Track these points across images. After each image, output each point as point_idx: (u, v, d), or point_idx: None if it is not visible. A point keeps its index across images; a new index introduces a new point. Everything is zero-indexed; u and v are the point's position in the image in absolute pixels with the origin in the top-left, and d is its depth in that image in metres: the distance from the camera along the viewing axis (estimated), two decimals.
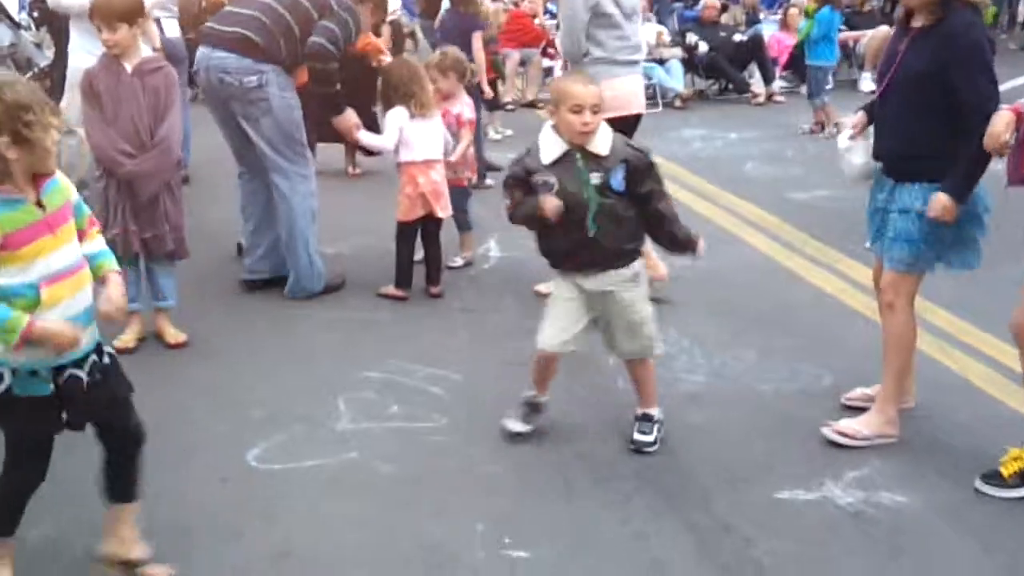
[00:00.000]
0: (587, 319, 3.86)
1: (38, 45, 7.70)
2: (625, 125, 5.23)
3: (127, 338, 4.81)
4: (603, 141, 3.70)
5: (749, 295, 5.63)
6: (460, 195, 5.91)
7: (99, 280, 2.91)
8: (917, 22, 3.73)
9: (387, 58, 6.34)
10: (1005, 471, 3.57)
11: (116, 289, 2.93)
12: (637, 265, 3.85)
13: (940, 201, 3.62)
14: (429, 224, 5.55)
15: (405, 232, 5.56)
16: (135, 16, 4.58)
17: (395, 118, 5.44)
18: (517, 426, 3.95)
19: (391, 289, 5.55)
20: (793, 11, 12.42)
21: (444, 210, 5.54)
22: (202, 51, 5.15)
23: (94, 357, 2.87)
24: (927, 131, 3.70)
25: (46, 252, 2.70)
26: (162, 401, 4.30)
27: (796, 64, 11.79)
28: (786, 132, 10.41)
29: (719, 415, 4.21)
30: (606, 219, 3.69)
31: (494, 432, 4.00)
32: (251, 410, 4.22)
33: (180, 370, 4.66)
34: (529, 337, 4.00)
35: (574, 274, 3.82)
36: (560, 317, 3.85)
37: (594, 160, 3.67)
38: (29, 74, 6.44)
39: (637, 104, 5.43)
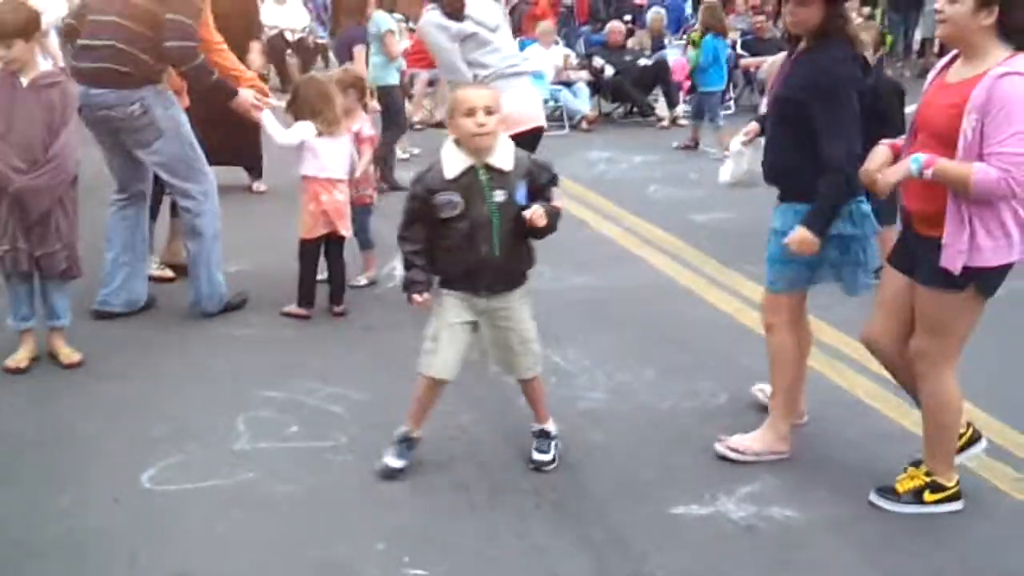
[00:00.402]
0: (469, 340, 3.85)
1: None
2: (524, 142, 5.33)
3: (20, 357, 4.71)
4: (505, 155, 3.68)
5: (649, 314, 5.73)
6: (362, 213, 5.92)
7: None
8: (802, 44, 3.87)
9: (272, 102, 5.91)
10: (900, 487, 3.70)
11: None
12: (528, 283, 3.89)
13: (799, 234, 3.71)
14: (332, 242, 5.55)
15: (307, 250, 5.54)
16: (31, 31, 4.51)
17: (303, 127, 5.43)
18: (395, 462, 3.84)
19: (294, 308, 5.53)
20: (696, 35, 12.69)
21: (347, 229, 5.55)
22: (79, 89, 4.94)
23: None
24: (792, 153, 3.83)
25: None
26: (55, 421, 4.25)
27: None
28: (689, 156, 10.62)
29: (617, 432, 4.27)
30: (509, 238, 3.69)
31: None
32: (147, 430, 4.16)
33: (74, 390, 4.56)
34: None
35: (469, 294, 3.77)
36: (454, 342, 3.78)
37: (498, 176, 3.65)
38: None
39: (534, 117, 5.49)
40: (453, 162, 3.66)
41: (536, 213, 3.63)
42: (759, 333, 5.13)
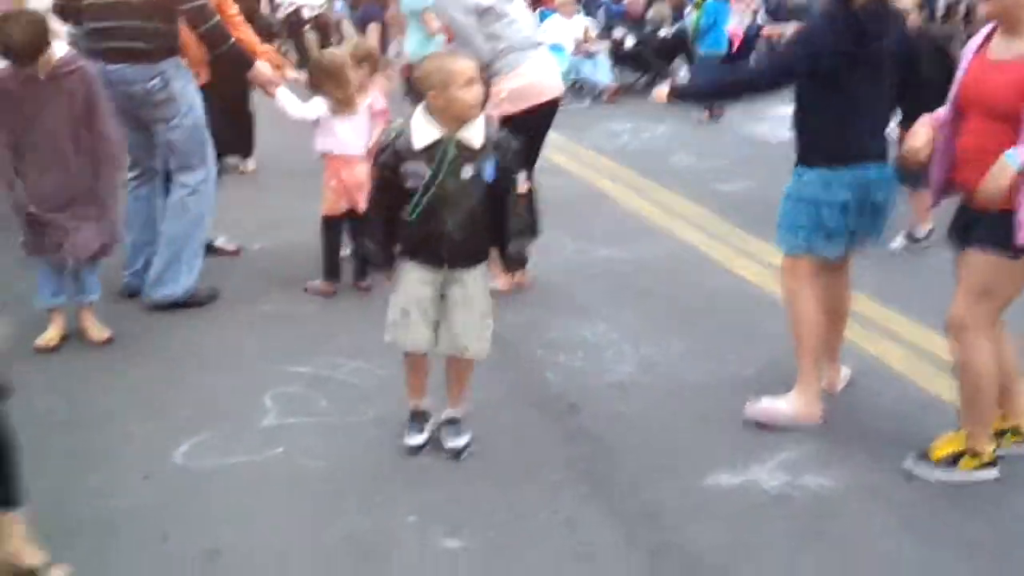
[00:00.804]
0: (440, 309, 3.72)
1: None
2: (542, 114, 5.30)
3: (50, 336, 4.73)
4: (477, 131, 3.54)
5: (676, 286, 5.71)
6: None
7: None
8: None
9: (291, 73, 6.00)
10: (936, 454, 3.68)
11: None
12: (486, 261, 3.77)
13: (659, 89, 4.17)
14: (354, 218, 5.54)
15: (330, 226, 5.55)
16: (43, 47, 4.40)
17: (318, 102, 5.41)
18: (415, 439, 3.85)
19: (319, 284, 5.53)
20: None
21: None
22: (98, 67, 4.88)
23: None
24: (809, 114, 3.90)
25: None
26: (85, 400, 4.27)
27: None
28: (712, 125, 10.55)
29: (647, 404, 4.26)
30: (472, 215, 3.59)
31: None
32: (177, 408, 4.18)
33: (103, 369, 4.58)
34: None
35: (431, 265, 3.66)
36: (426, 314, 3.67)
37: (467, 151, 3.52)
38: None
39: (553, 88, 5.44)
40: (423, 132, 3.52)
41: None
42: None
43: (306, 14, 13.88)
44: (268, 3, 13.59)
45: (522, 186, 3.73)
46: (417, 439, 3.86)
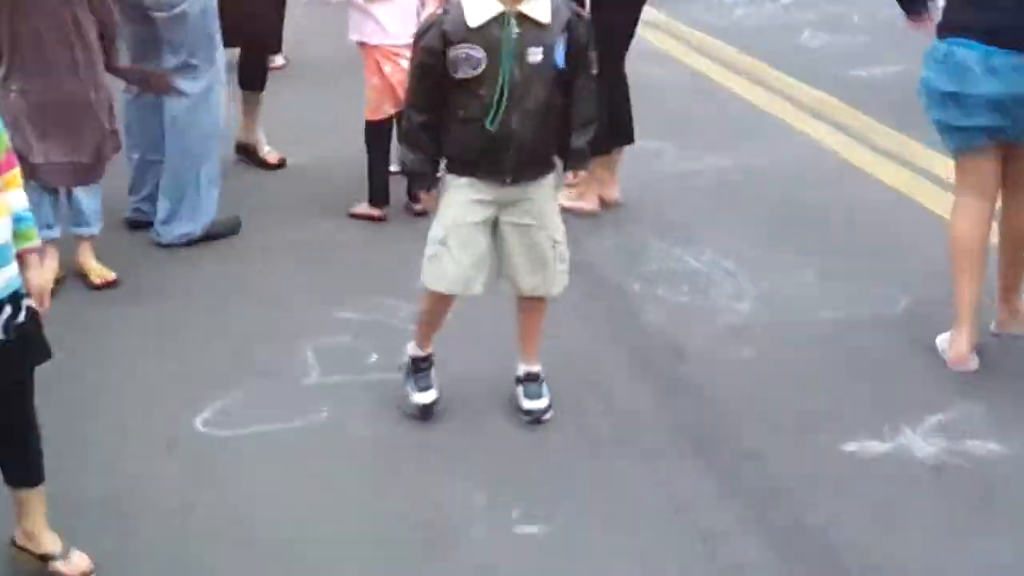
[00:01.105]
0: (489, 244, 3.67)
1: None
2: None
3: None
4: (543, 3, 3.47)
5: (803, 200, 5.63)
6: None
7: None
8: None
9: None
10: None
11: (37, 274, 2.95)
12: (555, 170, 3.73)
13: None
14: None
15: (376, 134, 5.53)
16: None
17: None
18: (424, 397, 3.82)
19: (365, 208, 5.54)
20: None
21: None
22: None
23: (8, 310, 2.85)
24: None
25: None
26: (94, 355, 4.34)
27: None
28: None
29: (770, 351, 4.24)
30: (539, 111, 3.52)
31: (496, 381, 4.00)
32: (199, 362, 4.24)
33: (110, 316, 4.66)
34: None
35: (489, 182, 3.58)
36: (468, 246, 3.62)
37: (533, 29, 3.44)
38: None
39: None
40: (478, 6, 3.42)
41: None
42: (943, 216, 5.04)
43: None
44: None
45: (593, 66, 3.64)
46: (427, 397, 3.84)
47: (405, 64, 5.27)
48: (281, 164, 6.32)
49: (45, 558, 3.06)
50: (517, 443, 3.72)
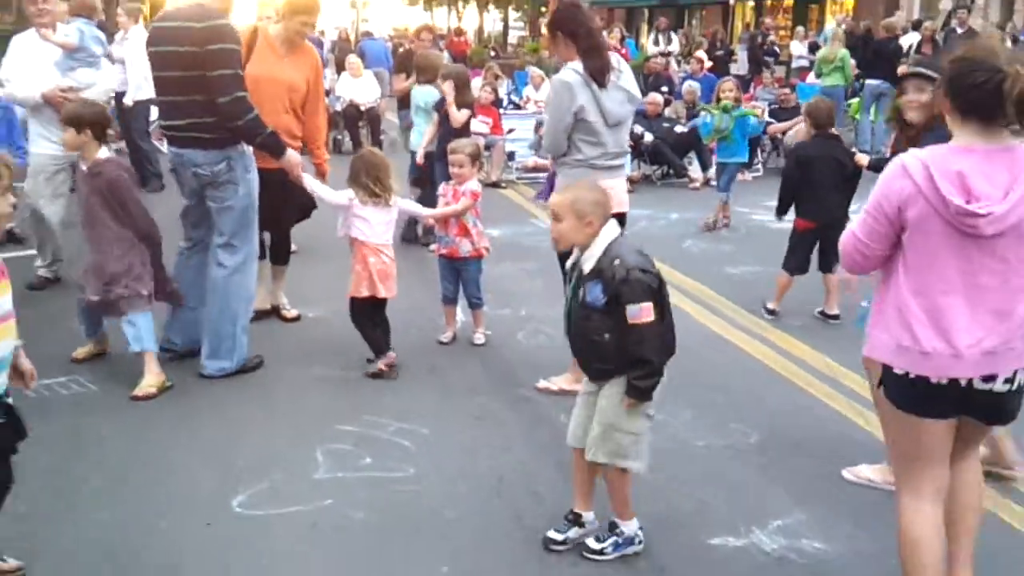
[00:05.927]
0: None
1: None
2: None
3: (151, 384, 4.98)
4: (592, 255, 3.40)
5: (688, 360, 5.56)
6: (474, 268, 5.87)
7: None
8: None
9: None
10: None
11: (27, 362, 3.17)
12: (621, 381, 3.42)
13: None
14: (376, 304, 5.38)
15: (355, 307, 5.37)
16: (97, 127, 4.94)
17: (348, 191, 5.31)
18: (558, 535, 3.61)
19: (379, 365, 5.32)
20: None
21: (389, 291, 5.35)
22: (170, 151, 5.14)
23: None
24: None
25: None
26: (153, 450, 4.31)
27: None
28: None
29: (656, 467, 4.16)
30: (583, 336, 3.45)
31: (458, 481, 4.05)
32: (235, 460, 4.24)
33: (170, 423, 4.64)
34: (493, 391, 4.00)
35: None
36: (578, 412, 3.58)
37: (583, 274, 3.42)
38: None
39: (616, 203, 4.71)
40: (579, 252, 3.49)
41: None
42: (786, 377, 5.17)
43: (361, 103, 13.98)
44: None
45: (641, 316, 3.33)
46: (556, 535, 3.61)
47: (385, 258, 5.29)
48: (297, 318, 6.30)
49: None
50: (468, 530, 3.70)
